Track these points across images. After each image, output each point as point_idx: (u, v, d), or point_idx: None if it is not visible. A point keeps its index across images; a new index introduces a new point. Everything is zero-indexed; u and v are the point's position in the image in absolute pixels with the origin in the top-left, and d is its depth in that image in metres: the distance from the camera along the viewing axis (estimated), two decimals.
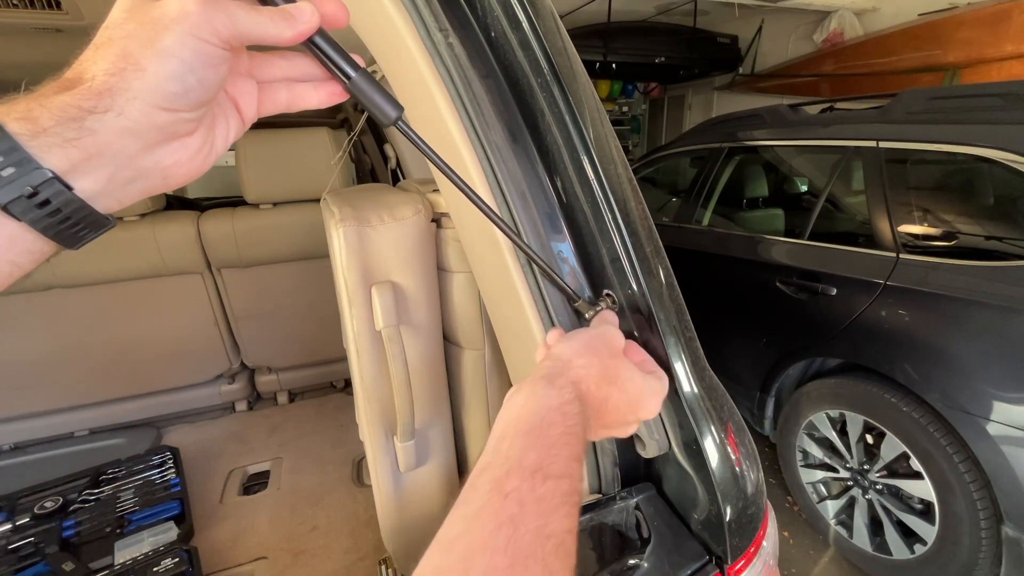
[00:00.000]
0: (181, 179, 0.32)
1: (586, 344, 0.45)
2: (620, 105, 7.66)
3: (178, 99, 0.28)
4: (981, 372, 1.45)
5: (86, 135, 0.26)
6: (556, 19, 0.58)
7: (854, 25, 4.43)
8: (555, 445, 0.33)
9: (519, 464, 0.31)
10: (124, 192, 0.29)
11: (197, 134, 0.31)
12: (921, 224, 1.76)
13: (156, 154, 0.29)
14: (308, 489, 1.63)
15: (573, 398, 0.38)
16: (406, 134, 0.41)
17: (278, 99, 0.36)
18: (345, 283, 0.88)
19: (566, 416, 0.36)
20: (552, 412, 0.36)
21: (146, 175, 0.29)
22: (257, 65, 0.35)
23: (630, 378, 0.45)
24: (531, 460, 0.32)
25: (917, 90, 1.86)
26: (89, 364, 1.77)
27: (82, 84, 0.26)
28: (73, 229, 0.27)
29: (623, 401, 0.43)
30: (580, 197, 0.57)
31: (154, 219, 1.68)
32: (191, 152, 0.31)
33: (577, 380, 0.40)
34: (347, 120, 2.74)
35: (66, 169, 0.26)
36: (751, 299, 2.22)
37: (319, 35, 0.34)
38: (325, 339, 2.00)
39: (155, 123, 0.28)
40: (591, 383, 0.41)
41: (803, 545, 2.02)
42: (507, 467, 0.31)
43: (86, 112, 0.26)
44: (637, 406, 0.45)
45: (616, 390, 0.43)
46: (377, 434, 0.99)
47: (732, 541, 0.53)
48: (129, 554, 1.26)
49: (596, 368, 0.42)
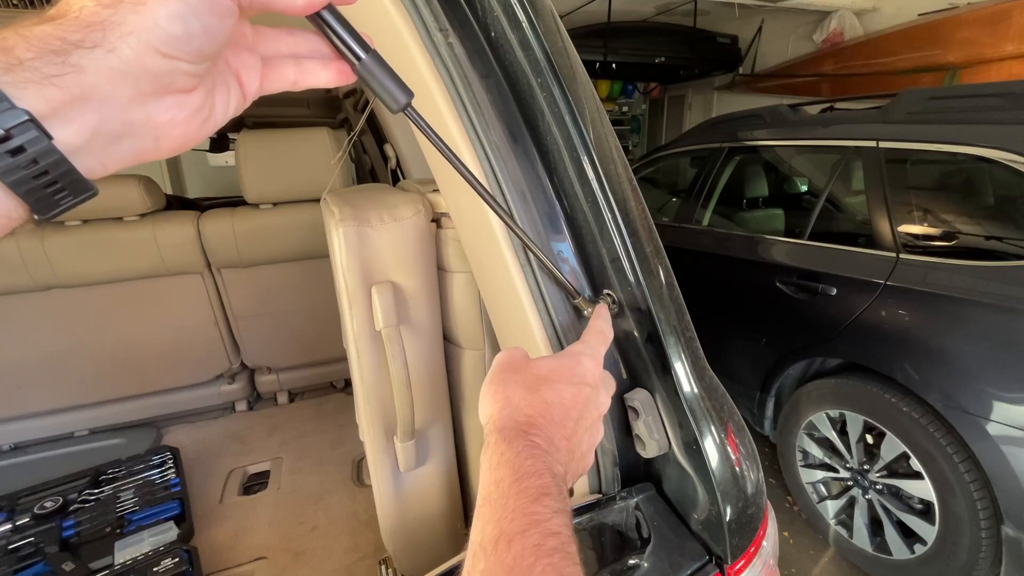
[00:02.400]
0: (175, 143, 0.28)
1: (498, 382, 0.42)
2: (620, 105, 7.66)
3: (179, 44, 0.25)
4: (981, 372, 1.45)
5: (70, 71, 0.22)
6: (556, 19, 0.58)
7: (854, 25, 4.43)
8: (507, 506, 0.32)
9: (480, 545, 0.30)
10: (110, 152, 0.25)
11: (196, 93, 0.28)
12: (921, 224, 1.76)
13: (148, 107, 0.26)
14: (308, 489, 1.63)
15: (548, 454, 0.36)
16: (415, 121, 0.40)
17: (285, 74, 0.34)
18: (345, 283, 0.88)
19: (517, 459, 0.35)
20: (500, 468, 0.34)
21: (136, 132, 0.26)
22: (262, 39, 0.33)
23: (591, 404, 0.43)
24: (490, 532, 0.31)
25: (917, 90, 1.86)
26: (89, 364, 1.77)
27: (68, 15, 0.23)
28: (50, 188, 0.23)
29: (583, 438, 0.42)
30: (580, 197, 0.57)
31: (154, 219, 1.68)
32: (188, 112, 0.28)
33: (501, 420, 0.38)
34: (347, 120, 2.74)
35: (45, 112, 0.22)
36: (751, 299, 2.22)
37: (329, 11, 0.32)
38: (325, 339, 2.00)
39: (150, 68, 0.24)
40: (560, 428, 0.39)
41: (803, 545, 2.02)
42: (472, 551, 0.31)
43: (72, 45, 0.22)
44: (593, 434, 0.43)
45: (580, 424, 0.41)
46: (377, 434, 0.99)
47: (732, 541, 0.53)
48: (129, 554, 1.26)
49: (559, 410, 0.40)
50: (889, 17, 4.16)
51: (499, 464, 0.35)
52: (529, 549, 0.29)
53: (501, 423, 0.38)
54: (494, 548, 0.29)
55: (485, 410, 0.41)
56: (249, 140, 1.65)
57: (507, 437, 0.37)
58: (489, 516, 0.32)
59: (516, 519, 0.31)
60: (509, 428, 0.38)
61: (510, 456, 0.35)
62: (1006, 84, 1.69)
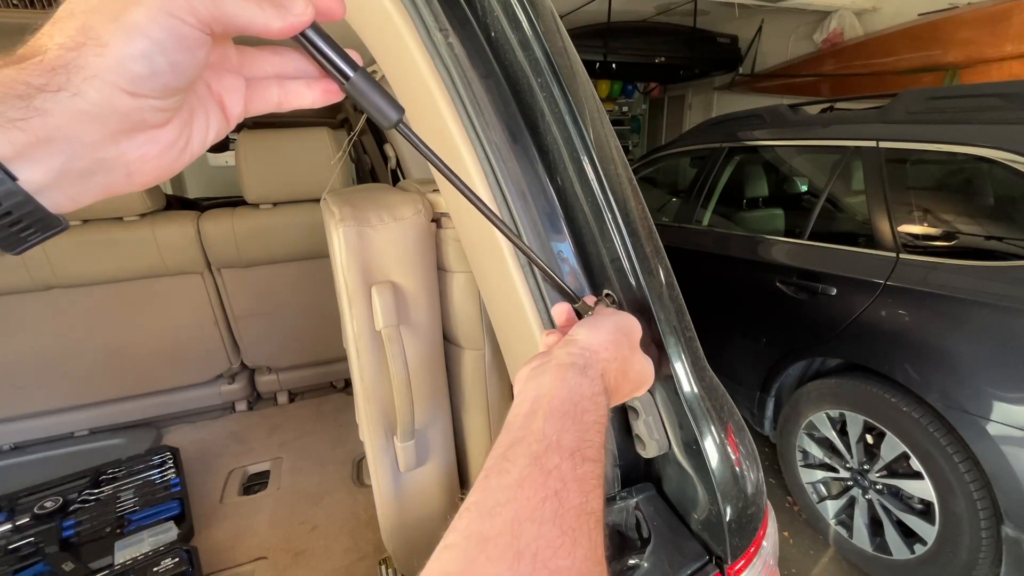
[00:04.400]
0: (148, 177, 0.28)
1: (611, 336, 0.45)
2: (620, 105, 7.66)
3: (145, 82, 0.24)
4: (981, 372, 1.45)
5: (34, 115, 0.22)
6: (556, 19, 0.58)
7: (854, 25, 4.43)
8: (588, 430, 0.34)
9: (558, 444, 0.31)
10: (79, 187, 0.25)
11: (170, 127, 0.28)
12: (921, 224, 1.76)
13: (120, 145, 0.25)
14: (308, 489, 1.63)
15: (603, 390, 0.39)
16: (407, 137, 0.40)
17: (268, 97, 0.33)
18: (345, 283, 0.88)
19: (597, 406, 0.37)
20: (586, 400, 0.37)
21: (107, 168, 0.26)
22: (247, 61, 0.32)
23: (640, 369, 0.48)
24: (569, 441, 0.32)
25: (917, 90, 1.86)
26: (89, 364, 1.77)
27: (33, 58, 0.23)
28: (15, 227, 0.23)
29: (627, 387, 0.47)
30: (580, 197, 0.57)
31: (154, 219, 1.68)
32: (161, 147, 0.27)
33: (605, 373, 0.41)
34: (347, 120, 2.74)
35: (9, 155, 0.22)
36: (751, 299, 2.22)
37: (313, 29, 0.31)
38: (325, 339, 2.01)
39: (117, 108, 0.24)
40: (611, 376, 0.42)
41: (803, 545, 2.02)
42: (545, 444, 0.31)
43: (35, 90, 0.22)
44: (634, 391, 0.49)
45: (626, 380, 0.46)
46: (377, 434, 0.99)
47: (732, 541, 0.53)
48: (129, 554, 1.26)
49: (619, 364, 0.44)
50: (889, 17, 4.15)
51: (591, 396, 0.38)
52: (596, 477, 0.31)
53: (605, 370, 0.42)
54: (571, 455, 0.31)
55: (592, 342, 0.44)
56: (249, 140, 1.65)
57: (605, 386, 0.40)
58: (567, 427, 0.33)
59: (592, 448, 0.33)
60: (607, 383, 0.41)
61: (602, 402, 0.38)
62: (1006, 84, 1.69)
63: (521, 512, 0.27)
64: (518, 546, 0.25)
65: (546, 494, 0.28)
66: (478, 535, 0.26)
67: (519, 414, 0.35)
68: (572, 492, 0.29)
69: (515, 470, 0.30)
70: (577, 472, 0.30)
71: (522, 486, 0.29)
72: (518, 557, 0.25)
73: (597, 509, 0.29)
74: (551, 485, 0.29)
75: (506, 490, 0.29)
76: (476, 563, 0.25)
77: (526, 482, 0.29)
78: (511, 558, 0.24)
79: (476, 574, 0.24)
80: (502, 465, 0.31)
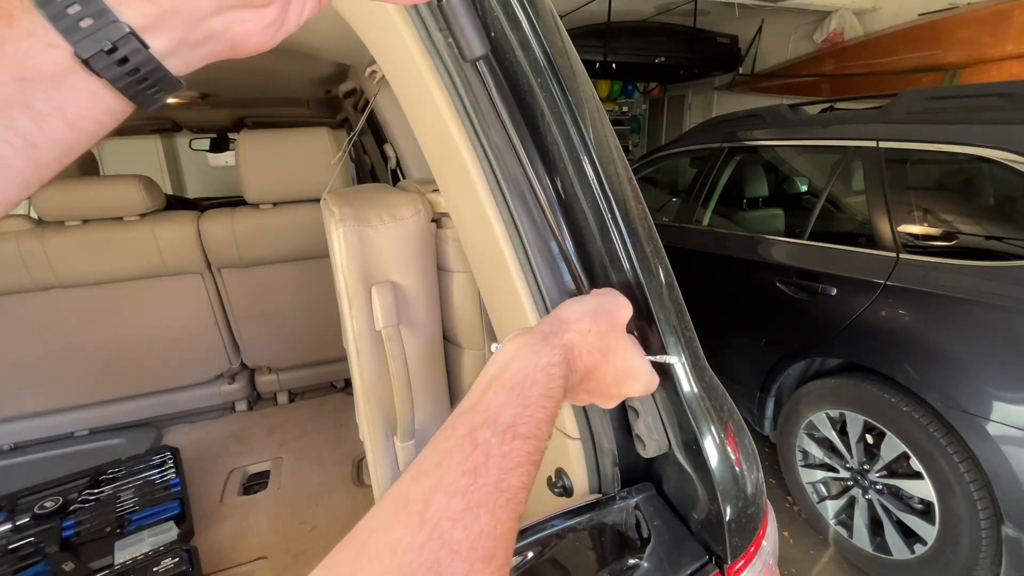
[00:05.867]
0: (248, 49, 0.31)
1: (590, 310, 0.46)
2: (620, 105, 7.66)
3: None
4: (981, 372, 1.45)
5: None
6: (556, 19, 0.58)
7: (854, 25, 4.43)
8: (531, 405, 0.35)
9: (494, 418, 0.33)
10: (193, 54, 0.28)
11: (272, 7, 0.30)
12: (921, 224, 1.76)
13: (228, 17, 0.28)
14: (308, 489, 1.63)
15: (561, 360, 0.39)
16: (483, 77, 0.39)
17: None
18: (345, 283, 0.88)
19: (549, 377, 0.37)
20: (537, 370, 0.37)
21: (215, 39, 0.29)
22: None
23: (623, 354, 0.46)
24: (506, 417, 0.33)
25: (917, 90, 1.86)
26: (89, 364, 1.77)
27: None
28: (150, 90, 0.27)
29: (609, 373, 0.45)
30: (580, 197, 0.57)
31: (154, 219, 1.68)
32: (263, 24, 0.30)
33: (570, 344, 0.41)
34: (347, 120, 2.74)
35: (142, 25, 0.25)
36: (751, 299, 2.22)
37: None
38: (325, 339, 2.00)
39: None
40: (583, 349, 0.42)
41: (803, 545, 2.02)
42: (484, 417, 0.33)
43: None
44: (622, 382, 0.46)
45: (605, 362, 0.44)
46: (377, 434, 0.99)
47: (732, 541, 0.53)
48: (129, 554, 1.26)
49: (593, 336, 0.43)
50: (889, 17, 4.16)
51: (545, 366, 0.38)
52: (523, 454, 0.32)
53: (570, 341, 0.42)
54: (503, 432, 0.32)
55: (568, 313, 0.45)
56: (249, 140, 1.65)
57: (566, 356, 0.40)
58: (509, 401, 0.34)
59: (529, 424, 0.34)
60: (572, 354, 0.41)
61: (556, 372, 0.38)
62: (1006, 84, 1.69)
63: (441, 482, 0.29)
64: (424, 515, 0.27)
65: (465, 468, 0.30)
66: (404, 496, 0.29)
67: (480, 380, 0.37)
68: (492, 469, 0.30)
69: (452, 438, 0.32)
70: (504, 448, 0.31)
71: (451, 455, 0.31)
72: (421, 525, 0.27)
73: (514, 487, 0.30)
74: (474, 459, 0.30)
75: (437, 455, 0.31)
76: (389, 523, 0.27)
77: (455, 452, 0.31)
78: (416, 525, 0.27)
79: (386, 533, 0.27)
80: (447, 431, 0.33)
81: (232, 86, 2.23)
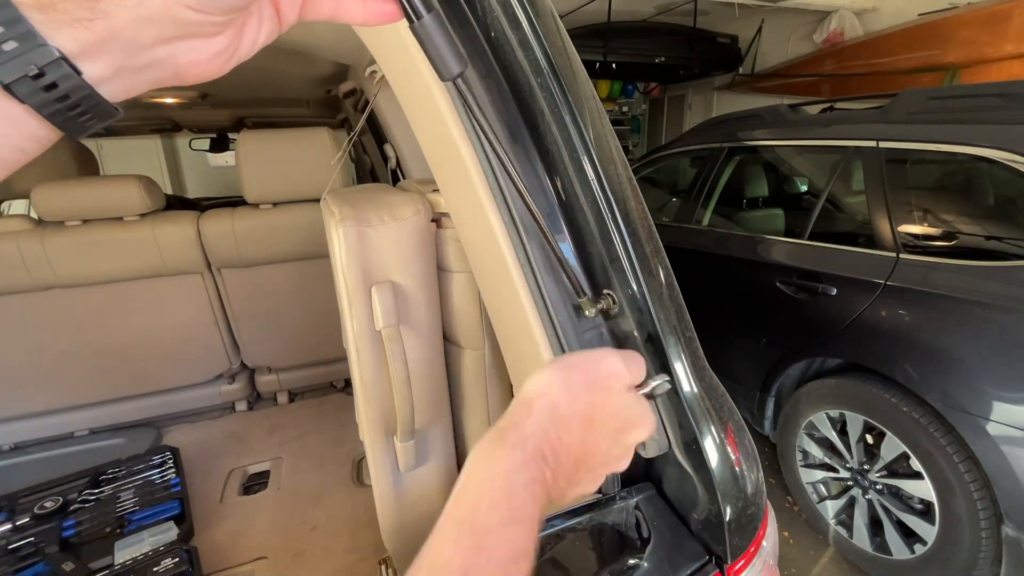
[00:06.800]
0: (195, 79, 0.29)
1: (558, 373, 0.38)
2: (620, 105, 7.65)
3: (211, 1, 0.25)
4: (981, 372, 1.45)
5: (99, 17, 0.23)
6: (556, 19, 0.58)
7: (854, 25, 4.43)
8: (486, 546, 0.30)
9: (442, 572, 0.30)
10: (133, 81, 0.27)
11: (222, 36, 0.28)
12: (921, 224, 1.76)
13: (172, 48, 0.27)
14: (308, 489, 1.63)
15: (525, 460, 0.33)
16: (463, 94, 0.38)
17: (321, 8, 0.32)
18: (345, 283, 0.88)
19: (510, 492, 0.32)
20: (494, 487, 0.32)
21: (158, 67, 0.27)
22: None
23: (611, 410, 0.37)
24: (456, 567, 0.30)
25: (917, 90, 1.86)
26: (89, 364, 1.77)
27: None
28: (81, 117, 0.26)
29: (603, 439, 0.37)
30: (580, 197, 0.57)
31: (154, 219, 1.68)
32: (210, 53, 0.28)
33: (536, 431, 0.34)
34: (347, 120, 2.74)
35: (75, 51, 0.24)
36: (751, 299, 2.22)
37: None
38: (325, 339, 2.00)
39: (177, 18, 0.25)
40: (558, 428, 0.35)
41: (803, 545, 2.02)
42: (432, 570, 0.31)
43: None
44: (623, 438, 0.38)
45: (593, 429, 0.36)
46: (377, 434, 0.99)
47: (732, 541, 0.53)
48: (129, 554, 1.26)
49: (565, 406, 0.36)
50: (889, 17, 4.15)
51: (504, 478, 0.33)
52: None
53: (531, 431, 0.35)
54: None
55: (533, 386, 0.37)
56: (249, 140, 1.65)
57: (536, 450, 0.34)
58: (459, 545, 0.32)
59: (489, 566, 0.31)
60: (542, 448, 0.34)
61: (518, 480, 0.33)
62: (1006, 84, 1.69)
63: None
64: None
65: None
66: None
67: (447, 510, 0.33)
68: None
69: (447, 549, 0.31)
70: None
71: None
72: None
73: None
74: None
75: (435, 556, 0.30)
76: None
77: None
78: None
79: None
80: (442, 534, 0.32)
81: (232, 86, 2.23)
